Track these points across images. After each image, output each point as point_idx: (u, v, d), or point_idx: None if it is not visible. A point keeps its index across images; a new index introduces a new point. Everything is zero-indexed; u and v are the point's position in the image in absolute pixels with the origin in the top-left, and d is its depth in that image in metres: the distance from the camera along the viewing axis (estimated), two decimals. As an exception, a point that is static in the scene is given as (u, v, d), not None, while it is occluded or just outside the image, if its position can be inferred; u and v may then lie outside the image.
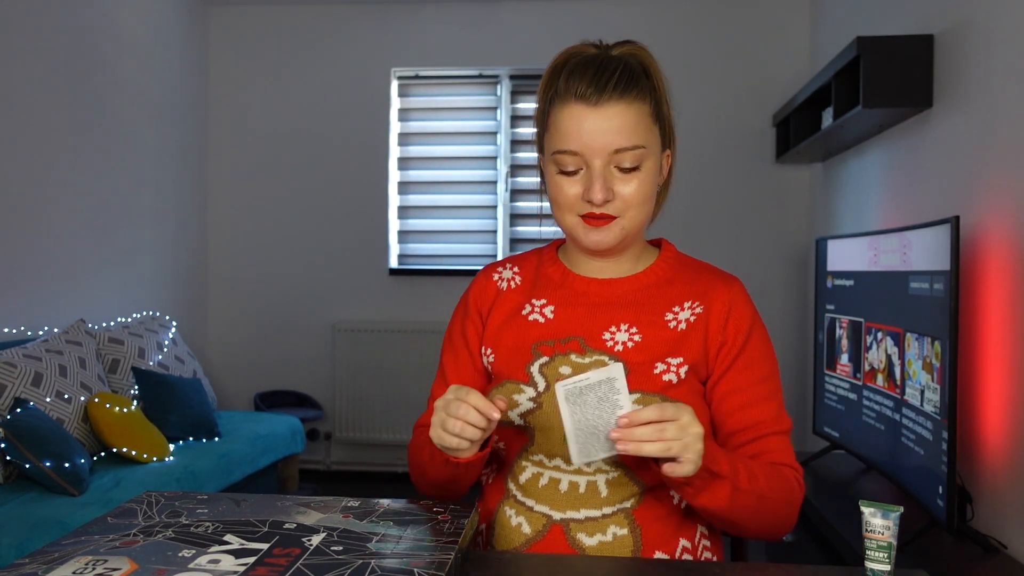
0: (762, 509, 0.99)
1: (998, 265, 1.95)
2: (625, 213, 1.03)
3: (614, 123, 1.00)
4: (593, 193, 1.01)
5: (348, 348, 4.02)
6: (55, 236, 3.02)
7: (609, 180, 1.02)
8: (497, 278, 1.19)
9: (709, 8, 3.90)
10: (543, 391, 1.05)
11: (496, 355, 1.12)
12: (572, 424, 0.90)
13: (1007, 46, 1.95)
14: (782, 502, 1.01)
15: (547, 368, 1.07)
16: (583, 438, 0.90)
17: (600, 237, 1.05)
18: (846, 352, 2.53)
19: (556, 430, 1.02)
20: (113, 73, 3.36)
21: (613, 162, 1.02)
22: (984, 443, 1.98)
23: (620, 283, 1.12)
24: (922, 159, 2.45)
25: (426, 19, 4.05)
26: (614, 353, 1.06)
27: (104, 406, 2.66)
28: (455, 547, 0.86)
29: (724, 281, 1.11)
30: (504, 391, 1.07)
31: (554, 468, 1.04)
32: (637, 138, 1.01)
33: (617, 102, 1.01)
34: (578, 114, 1.01)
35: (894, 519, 0.85)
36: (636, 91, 1.02)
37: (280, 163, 4.15)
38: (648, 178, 1.04)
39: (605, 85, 1.00)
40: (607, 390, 0.89)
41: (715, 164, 3.83)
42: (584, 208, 1.03)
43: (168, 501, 0.99)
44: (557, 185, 1.05)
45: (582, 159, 1.02)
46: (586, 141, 1.01)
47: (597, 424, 0.89)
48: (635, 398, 1.02)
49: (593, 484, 1.02)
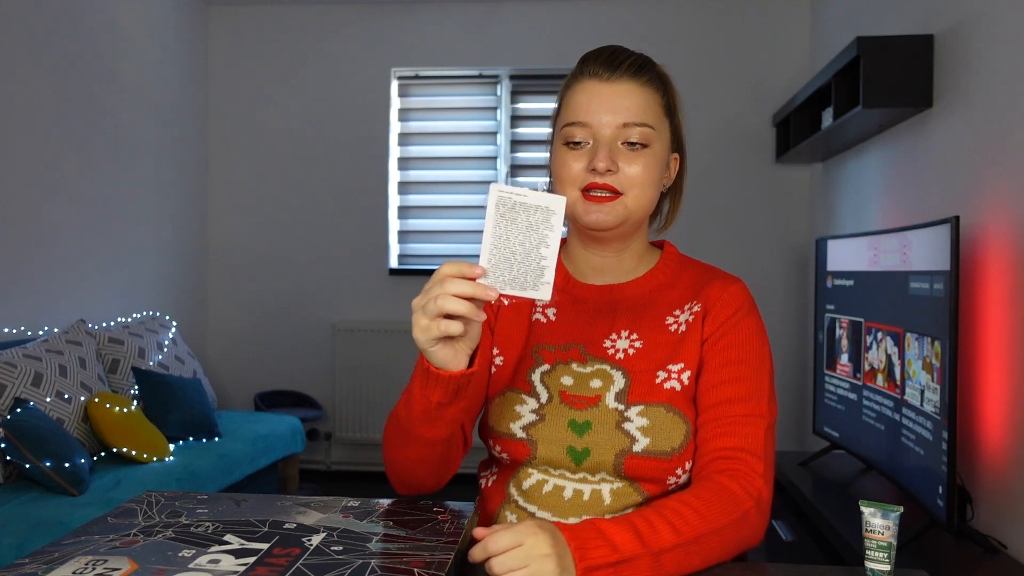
0: (707, 549, 0.91)
1: (998, 265, 1.95)
2: (628, 191, 1.01)
3: (625, 100, 1.01)
4: (597, 160, 0.99)
5: (348, 348, 4.03)
6: (55, 236, 3.02)
7: (615, 152, 1.01)
8: None
9: (709, 8, 3.90)
10: (545, 403, 1.04)
11: (504, 358, 1.10)
12: (493, 237, 0.83)
13: (1007, 46, 1.95)
14: (727, 528, 0.92)
15: (548, 377, 1.06)
16: (498, 258, 0.83)
17: (601, 216, 1.02)
18: (846, 352, 2.53)
19: (559, 443, 1.01)
20: (113, 73, 3.36)
21: (621, 137, 1.01)
22: (984, 443, 1.98)
23: (622, 288, 1.10)
24: (922, 159, 2.45)
25: (426, 19, 4.05)
26: (615, 361, 1.05)
27: (104, 406, 2.66)
28: (455, 547, 0.86)
29: (723, 280, 1.10)
30: (506, 402, 1.06)
31: (559, 476, 1.03)
32: (646, 117, 1.02)
33: (630, 80, 1.02)
34: (590, 88, 1.03)
35: (894, 519, 0.85)
36: (649, 77, 1.04)
37: (280, 163, 4.15)
38: (654, 162, 1.03)
39: (619, 65, 1.02)
40: (540, 220, 0.83)
41: (715, 164, 3.83)
42: (587, 179, 1.01)
43: (168, 501, 0.99)
44: (562, 159, 1.04)
45: (590, 132, 1.02)
46: (596, 112, 1.01)
47: (516, 250, 0.83)
48: (639, 409, 1.01)
49: (597, 492, 1.01)
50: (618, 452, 1.00)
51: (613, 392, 1.03)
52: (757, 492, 0.96)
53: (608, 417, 1.01)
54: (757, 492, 0.96)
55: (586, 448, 1.01)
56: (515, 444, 1.04)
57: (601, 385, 1.04)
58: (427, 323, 0.83)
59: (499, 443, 1.06)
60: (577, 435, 1.02)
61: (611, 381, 1.04)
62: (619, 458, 1.00)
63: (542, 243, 0.83)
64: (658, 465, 0.99)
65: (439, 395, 0.90)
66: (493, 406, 1.08)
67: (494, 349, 1.12)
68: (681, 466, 1.00)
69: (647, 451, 0.99)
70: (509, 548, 0.81)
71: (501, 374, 1.10)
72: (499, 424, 1.06)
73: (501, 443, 1.05)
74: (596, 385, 1.04)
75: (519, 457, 1.05)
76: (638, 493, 1.01)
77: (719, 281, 1.09)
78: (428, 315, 0.83)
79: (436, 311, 0.82)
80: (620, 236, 1.08)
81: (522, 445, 1.04)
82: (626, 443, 1.00)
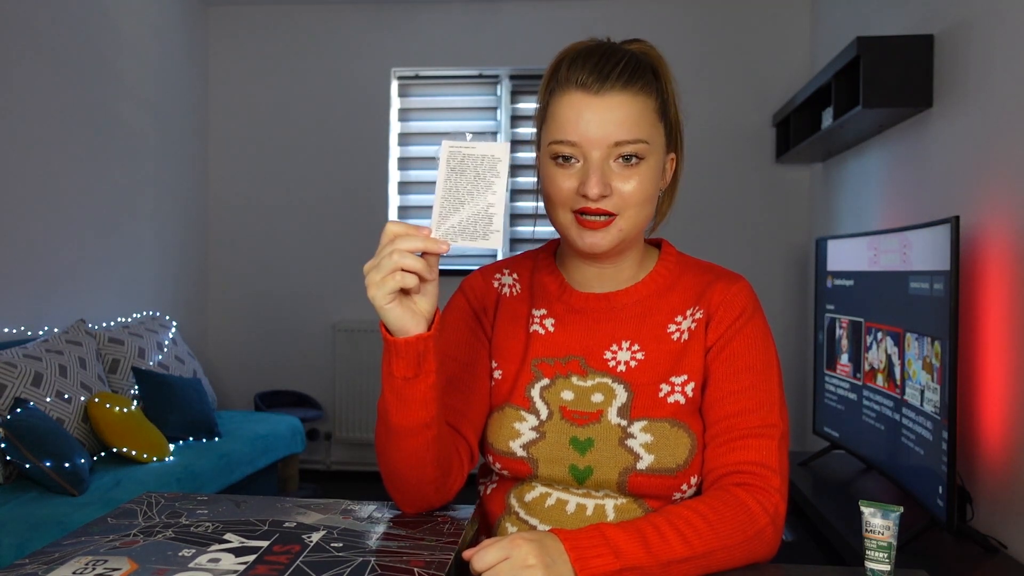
0: (716, 563, 0.88)
1: (998, 265, 1.95)
2: (623, 212, 0.96)
3: (615, 114, 0.94)
4: (589, 187, 0.94)
5: (348, 348, 4.03)
6: (55, 236, 3.02)
7: (607, 175, 0.95)
8: (497, 284, 1.12)
9: (709, 8, 3.90)
10: (546, 419, 1.01)
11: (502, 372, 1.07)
12: (444, 190, 0.86)
13: (1007, 46, 1.95)
14: (740, 545, 0.89)
15: (548, 392, 1.03)
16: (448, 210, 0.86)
17: (596, 240, 0.97)
18: (846, 352, 2.53)
19: (561, 462, 0.99)
20: (113, 73, 3.36)
21: (612, 155, 0.95)
22: (984, 443, 1.98)
23: (620, 296, 1.06)
24: (922, 159, 2.45)
25: (426, 19, 4.05)
26: (617, 374, 1.02)
27: (104, 406, 2.66)
28: (455, 547, 0.85)
29: (725, 280, 1.05)
30: (504, 418, 1.03)
31: (562, 490, 1.01)
32: (639, 132, 0.95)
33: (620, 92, 0.95)
34: (578, 103, 0.95)
35: (894, 519, 0.85)
36: (641, 84, 0.96)
37: (280, 163, 4.15)
38: (649, 177, 0.97)
39: (608, 74, 0.95)
40: (487, 168, 0.86)
41: (715, 164, 3.83)
42: (579, 203, 0.96)
43: (168, 502, 0.99)
44: (551, 178, 0.98)
45: (580, 150, 0.95)
46: (584, 131, 0.94)
47: (465, 200, 0.85)
48: (643, 425, 0.98)
49: (601, 507, 0.99)
50: (622, 470, 0.97)
51: (615, 407, 1.00)
52: (774, 508, 0.92)
53: (611, 434, 0.99)
54: (774, 508, 0.92)
55: (588, 467, 0.98)
56: (515, 462, 1.01)
57: (603, 400, 1.01)
58: (380, 278, 0.81)
59: (499, 460, 1.03)
60: (579, 453, 0.99)
61: (613, 395, 1.01)
62: (623, 476, 0.97)
63: (488, 190, 0.86)
64: (663, 482, 0.97)
65: (402, 368, 0.86)
66: (492, 421, 1.04)
67: (492, 363, 1.08)
68: (687, 481, 0.98)
69: (652, 468, 0.96)
70: (496, 563, 0.81)
71: (499, 388, 1.06)
72: (497, 441, 1.02)
73: (501, 460, 1.02)
74: (598, 400, 1.01)
75: (520, 475, 1.02)
76: (643, 509, 0.99)
77: (721, 282, 1.04)
78: (382, 272, 0.81)
79: (391, 267, 0.81)
80: (616, 254, 1.04)
81: (523, 464, 1.01)
82: (630, 461, 0.97)
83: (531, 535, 0.83)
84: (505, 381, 1.06)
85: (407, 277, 0.81)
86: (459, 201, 0.86)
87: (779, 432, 0.97)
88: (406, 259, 0.81)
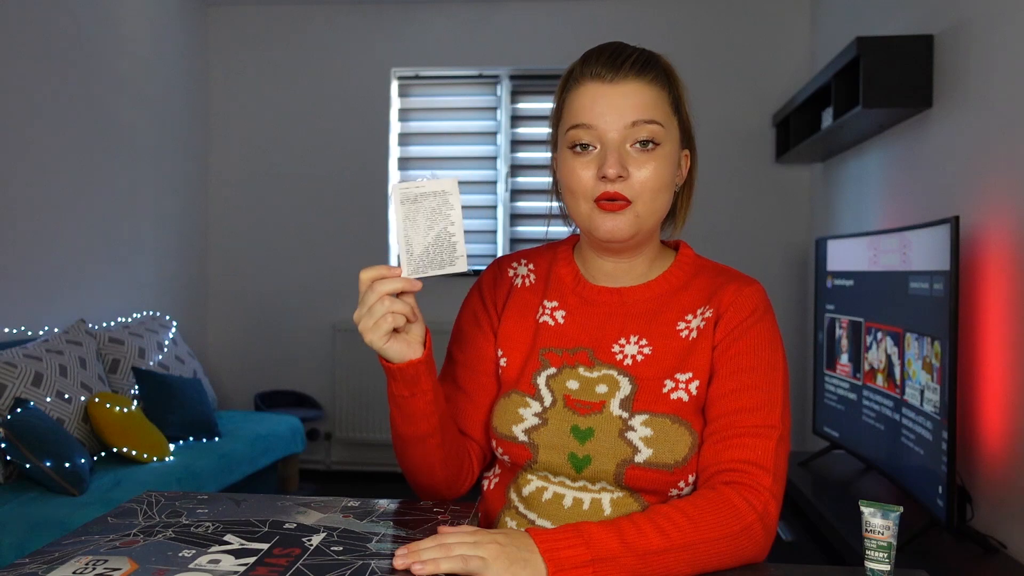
0: (698, 557, 0.88)
1: (998, 265, 1.95)
2: (639, 198, 0.98)
3: (630, 99, 0.98)
4: (607, 167, 0.96)
5: (348, 348, 4.03)
6: (55, 236, 3.02)
7: (624, 157, 0.97)
8: (512, 273, 1.15)
9: (709, 8, 3.90)
10: (549, 406, 1.02)
11: (507, 359, 1.09)
12: (404, 230, 0.92)
13: (1007, 46, 1.95)
14: (723, 539, 0.89)
15: (554, 381, 1.04)
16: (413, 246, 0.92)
17: (614, 224, 0.99)
18: (846, 352, 2.53)
19: (560, 449, 1.00)
20: (113, 73, 3.37)
21: (629, 138, 0.98)
22: (984, 443, 1.98)
23: (632, 292, 1.07)
24: (922, 159, 2.45)
25: (426, 19, 4.05)
26: (623, 367, 1.03)
27: (104, 406, 2.66)
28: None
29: (738, 282, 1.05)
30: (510, 403, 1.05)
31: (559, 484, 1.02)
32: (654, 113, 0.98)
33: (634, 80, 0.98)
34: (593, 91, 0.99)
35: (894, 519, 0.85)
36: (653, 74, 1.00)
37: (280, 163, 4.16)
38: (664, 164, 0.99)
39: (621, 65, 0.98)
40: (441, 202, 0.92)
41: (715, 164, 3.83)
42: (598, 189, 0.98)
43: (168, 501, 0.99)
44: (570, 168, 1.00)
45: (596, 135, 0.98)
46: (601, 113, 0.98)
47: (427, 235, 0.92)
48: (644, 418, 0.99)
49: (597, 501, 1.00)
50: (619, 462, 0.98)
51: (618, 399, 1.01)
52: (763, 507, 0.92)
53: (611, 425, 0.99)
54: (763, 507, 0.92)
55: (587, 456, 0.99)
56: (516, 447, 1.03)
57: (607, 391, 1.02)
58: (373, 323, 0.90)
59: (501, 444, 1.05)
60: (579, 442, 1.00)
61: (617, 387, 1.02)
62: (620, 468, 0.98)
63: (446, 220, 0.92)
64: (659, 477, 0.97)
65: (400, 388, 0.95)
66: (497, 406, 1.06)
67: (499, 351, 1.10)
68: (684, 479, 0.98)
69: (649, 462, 0.97)
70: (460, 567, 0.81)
71: (506, 375, 1.08)
72: (501, 425, 1.04)
73: (503, 445, 1.04)
74: (602, 391, 1.02)
75: (520, 460, 1.03)
76: (639, 504, 0.99)
77: (734, 284, 1.05)
78: (374, 317, 0.90)
79: (382, 312, 0.89)
80: (633, 246, 1.05)
81: (523, 448, 1.02)
82: (628, 453, 0.97)
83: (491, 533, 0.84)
84: (512, 369, 1.08)
85: (396, 317, 0.90)
86: (421, 237, 0.92)
87: (778, 434, 0.97)
88: (395, 305, 0.90)
